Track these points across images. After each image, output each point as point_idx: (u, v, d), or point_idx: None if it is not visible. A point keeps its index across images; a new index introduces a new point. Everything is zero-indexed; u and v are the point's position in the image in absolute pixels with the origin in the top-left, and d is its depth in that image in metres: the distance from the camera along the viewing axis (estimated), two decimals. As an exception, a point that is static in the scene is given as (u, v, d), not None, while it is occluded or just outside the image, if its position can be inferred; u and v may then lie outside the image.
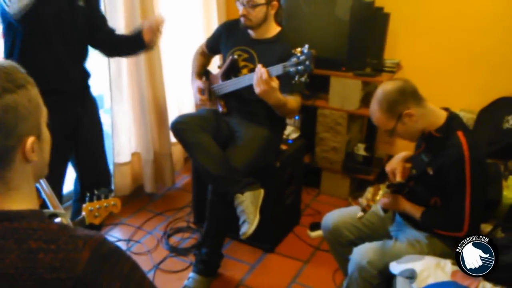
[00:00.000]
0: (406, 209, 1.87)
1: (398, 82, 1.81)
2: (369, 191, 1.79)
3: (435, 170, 1.77)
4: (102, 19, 2.26)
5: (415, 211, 1.84)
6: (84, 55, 2.20)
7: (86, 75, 2.23)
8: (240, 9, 2.37)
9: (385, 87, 1.80)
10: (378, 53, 3.03)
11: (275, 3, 2.37)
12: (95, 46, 2.25)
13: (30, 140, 0.88)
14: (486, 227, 1.96)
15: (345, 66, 2.96)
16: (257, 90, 2.16)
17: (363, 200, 1.77)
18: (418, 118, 1.76)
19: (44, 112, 0.94)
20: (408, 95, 1.76)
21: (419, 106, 1.77)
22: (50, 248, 0.84)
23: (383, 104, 1.77)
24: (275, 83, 2.14)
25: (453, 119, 1.78)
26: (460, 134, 1.71)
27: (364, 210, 1.75)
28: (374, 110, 1.81)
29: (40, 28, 1.94)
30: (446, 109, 1.83)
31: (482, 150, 1.82)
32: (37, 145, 0.92)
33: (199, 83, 2.61)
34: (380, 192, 1.77)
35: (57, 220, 1.34)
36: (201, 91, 2.59)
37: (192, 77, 2.71)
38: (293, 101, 2.33)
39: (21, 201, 0.91)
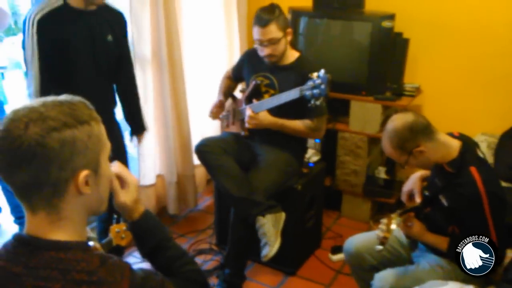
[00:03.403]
0: (430, 241, 1.86)
1: (408, 117, 1.77)
2: (383, 223, 1.76)
3: (449, 204, 1.77)
4: (125, 57, 2.38)
5: (440, 243, 1.82)
6: (111, 86, 2.34)
7: (113, 104, 2.38)
8: (261, 50, 2.40)
9: (395, 123, 1.79)
10: (398, 78, 3.06)
11: (289, 30, 2.42)
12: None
13: (84, 173, 0.91)
14: (509, 252, 1.95)
15: (365, 90, 3.00)
16: (249, 127, 2.40)
17: (379, 233, 1.75)
18: (429, 153, 1.75)
19: (106, 148, 0.98)
20: (418, 132, 1.74)
21: (431, 141, 1.75)
22: (92, 280, 0.89)
23: (393, 141, 1.77)
24: (260, 115, 2.36)
25: (466, 152, 1.76)
26: (473, 170, 1.69)
27: (382, 243, 1.73)
28: (385, 145, 1.82)
29: (68, 56, 2.10)
30: (460, 137, 1.82)
31: (497, 181, 1.81)
32: (93, 179, 0.94)
33: (221, 98, 2.73)
34: (393, 221, 1.74)
35: (90, 244, 1.40)
36: (219, 106, 2.72)
37: (219, 94, 2.81)
38: (298, 122, 2.42)
39: (70, 232, 0.95)
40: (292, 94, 2.20)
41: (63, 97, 0.93)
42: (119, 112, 2.51)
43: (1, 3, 2.58)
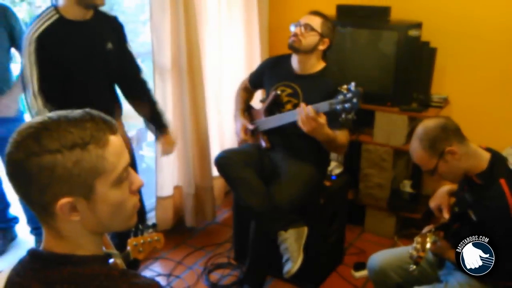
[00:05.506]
0: (452, 259, 1.77)
1: (440, 119, 1.77)
2: (417, 241, 1.70)
3: (478, 219, 1.70)
4: (127, 61, 2.31)
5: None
6: (115, 94, 2.29)
7: (120, 111, 2.32)
8: (293, 29, 2.37)
9: (426, 124, 1.75)
10: (425, 88, 2.97)
11: (327, 40, 2.37)
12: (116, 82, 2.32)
13: (62, 201, 0.86)
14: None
15: (390, 101, 2.91)
16: (305, 128, 2.12)
17: (413, 252, 1.69)
18: (461, 156, 1.68)
19: (109, 173, 0.89)
20: (451, 132, 1.70)
21: (462, 144, 1.70)
22: None
23: (424, 141, 1.71)
24: (322, 119, 2.11)
25: (495, 164, 1.70)
26: (503, 182, 1.63)
27: (416, 262, 1.67)
28: (415, 148, 1.75)
29: (68, 71, 2.05)
30: (488, 150, 1.76)
31: None
32: (83, 205, 0.88)
33: (245, 122, 2.59)
34: (428, 240, 1.69)
35: (111, 260, 1.35)
36: (246, 130, 2.57)
37: (236, 113, 2.69)
38: (342, 135, 2.28)
39: (83, 247, 0.92)
40: (321, 108, 2.11)
41: (73, 113, 0.89)
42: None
43: None
